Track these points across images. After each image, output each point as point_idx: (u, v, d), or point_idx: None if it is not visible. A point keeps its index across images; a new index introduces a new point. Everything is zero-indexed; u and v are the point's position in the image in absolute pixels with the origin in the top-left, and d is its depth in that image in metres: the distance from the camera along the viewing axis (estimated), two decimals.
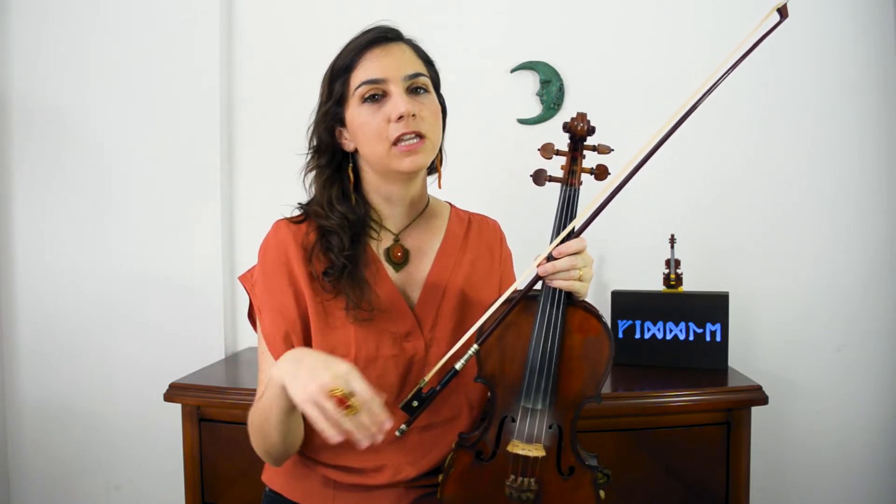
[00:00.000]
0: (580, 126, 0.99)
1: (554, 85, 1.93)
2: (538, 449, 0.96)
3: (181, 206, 1.97)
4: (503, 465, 0.99)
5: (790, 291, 1.93)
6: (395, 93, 1.00)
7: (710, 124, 1.93)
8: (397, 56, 1.02)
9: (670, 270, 1.74)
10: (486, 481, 1.00)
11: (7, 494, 2.04)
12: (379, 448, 1.04)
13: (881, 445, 1.94)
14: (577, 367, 0.98)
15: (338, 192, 1.07)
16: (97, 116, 1.98)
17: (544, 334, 0.96)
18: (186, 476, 1.53)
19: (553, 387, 0.96)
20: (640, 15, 1.93)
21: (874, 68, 1.90)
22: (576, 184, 1.00)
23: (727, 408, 1.49)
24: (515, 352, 0.99)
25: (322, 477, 1.09)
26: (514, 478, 0.97)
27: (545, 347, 0.96)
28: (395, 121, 1.00)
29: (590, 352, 0.97)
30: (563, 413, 0.98)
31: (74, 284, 2.00)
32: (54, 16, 1.98)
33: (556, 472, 0.99)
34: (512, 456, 0.97)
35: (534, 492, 0.97)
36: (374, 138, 1.01)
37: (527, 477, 0.97)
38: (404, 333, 1.07)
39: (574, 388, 0.98)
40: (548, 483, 0.98)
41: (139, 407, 1.94)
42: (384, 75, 1.00)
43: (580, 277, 0.96)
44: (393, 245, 1.11)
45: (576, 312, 0.98)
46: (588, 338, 0.98)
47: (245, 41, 1.98)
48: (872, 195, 1.92)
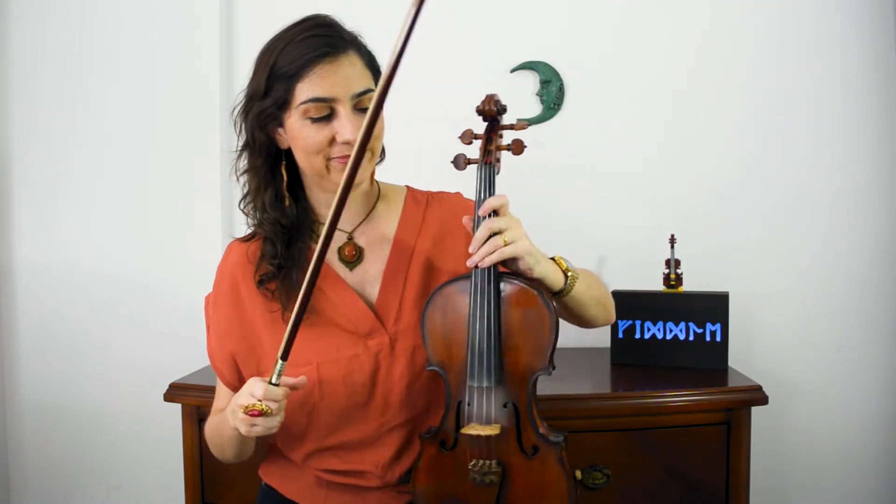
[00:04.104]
0: (488, 108, 0.98)
1: (554, 85, 1.93)
2: (492, 428, 0.96)
3: (181, 205, 1.97)
4: (464, 451, 0.98)
5: (790, 291, 1.93)
6: (343, 114, 0.95)
7: (710, 124, 1.94)
8: (346, 72, 0.96)
9: (670, 270, 1.74)
10: (451, 469, 0.99)
11: (7, 494, 2.04)
12: (361, 450, 1.06)
13: (881, 445, 1.94)
14: (520, 341, 0.96)
15: (271, 196, 1.04)
16: (97, 116, 1.98)
17: (480, 312, 0.95)
18: (186, 476, 1.53)
19: (497, 363, 0.96)
20: (640, 15, 1.93)
21: (875, 68, 1.90)
22: (492, 161, 0.99)
23: (727, 408, 1.49)
24: (458, 334, 0.98)
25: (315, 477, 1.09)
26: (474, 462, 0.96)
27: (483, 325, 0.95)
28: (341, 143, 0.96)
29: (530, 324, 0.96)
30: (515, 390, 0.97)
31: (74, 284, 2.00)
32: (54, 15, 1.98)
33: (519, 452, 0.98)
34: (468, 438, 0.96)
35: (496, 473, 0.96)
36: (314, 152, 0.97)
37: (486, 459, 0.96)
38: (366, 332, 1.05)
39: (520, 362, 0.97)
40: (512, 465, 0.97)
41: (139, 407, 1.94)
42: (332, 94, 0.95)
43: (505, 242, 0.92)
44: (344, 244, 1.09)
45: (511, 286, 0.96)
46: (527, 311, 0.96)
47: (245, 41, 1.98)
48: (872, 195, 1.92)
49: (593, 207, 1.95)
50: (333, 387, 1.04)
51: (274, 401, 0.91)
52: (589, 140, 1.95)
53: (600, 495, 1.45)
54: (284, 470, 1.13)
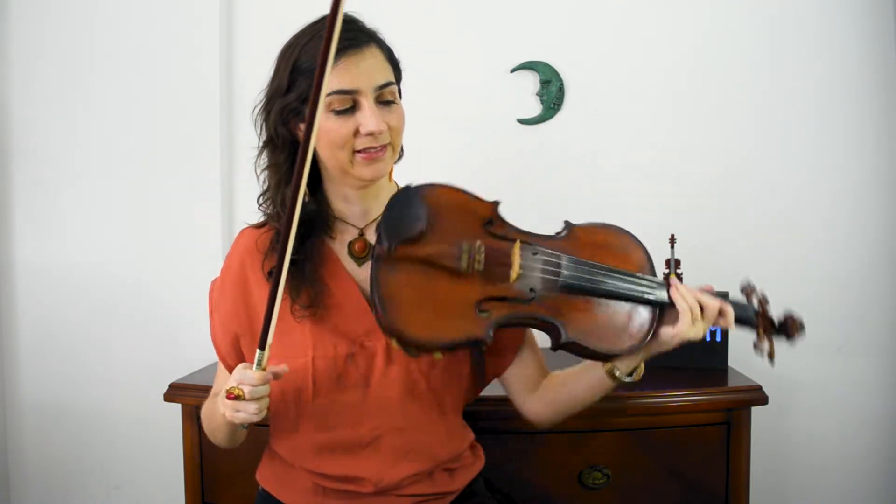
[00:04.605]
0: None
1: (554, 85, 1.93)
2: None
3: (181, 205, 1.97)
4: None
5: (790, 291, 1.92)
6: (366, 106, 0.98)
7: (710, 124, 1.94)
8: (369, 63, 0.99)
9: (670, 270, 1.74)
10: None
11: (7, 494, 2.04)
12: (355, 453, 1.06)
13: (881, 445, 1.94)
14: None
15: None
16: (97, 116, 1.98)
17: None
18: (186, 476, 1.53)
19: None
20: (640, 15, 1.93)
21: (875, 68, 1.90)
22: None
23: (727, 408, 1.49)
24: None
25: (312, 483, 1.09)
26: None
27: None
28: (365, 135, 0.98)
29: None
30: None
31: (74, 284, 2.00)
32: (54, 15, 1.98)
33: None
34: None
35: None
36: (337, 146, 0.99)
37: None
38: (363, 332, 1.05)
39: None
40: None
41: (139, 407, 1.94)
42: (356, 86, 0.97)
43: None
44: (355, 240, 1.10)
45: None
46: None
47: (245, 41, 1.98)
48: (873, 195, 1.92)
49: (593, 207, 1.95)
50: (327, 383, 1.04)
51: (250, 385, 0.93)
52: (589, 140, 1.95)
53: (600, 495, 1.46)
54: (281, 476, 1.13)
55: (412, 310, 0.89)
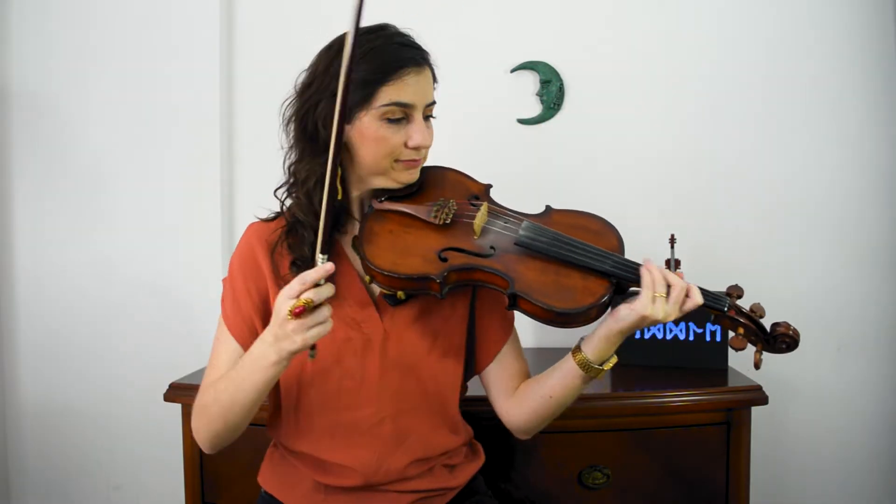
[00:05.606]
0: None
1: (554, 85, 1.93)
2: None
3: (181, 205, 1.97)
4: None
5: (790, 291, 1.93)
6: (417, 120, 1.05)
7: (709, 124, 1.94)
8: (426, 82, 1.06)
9: (670, 270, 1.74)
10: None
11: (7, 494, 2.04)
12: (351, 439, 1.08)
13: (881, 445, 1.94)
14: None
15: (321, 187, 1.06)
16: (98, 116, 1.98)
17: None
18: (186, 476, 1.53)
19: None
20: (639, 15, 1.93)
21: (875, 66, 1.90)
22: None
23: (727, 408, 1.49)
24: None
25: (313, 482, 1.10)
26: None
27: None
28: (412, 147, 1.04)
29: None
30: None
31: (74, 284, 2.00)
32: (55, 15, 1.98)
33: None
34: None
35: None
36: (384, 153, 1.04)
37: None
38: (361, 319, 1.09)
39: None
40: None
41: (139, 407, 1.94)
42: (413, 101, 1.03)
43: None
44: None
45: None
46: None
47: (246, 41, 1.98)
48: (873, 194, 1.92)
49: (593, 207, 1.94)
50: (325, 364, 1.07)
51: (313, 280, 0.88)
52: (589, 140, 1.95)
53: (600, 495, 1.46)
54: (282, 477, 1.14)
55: (385, 248, 1.04)
